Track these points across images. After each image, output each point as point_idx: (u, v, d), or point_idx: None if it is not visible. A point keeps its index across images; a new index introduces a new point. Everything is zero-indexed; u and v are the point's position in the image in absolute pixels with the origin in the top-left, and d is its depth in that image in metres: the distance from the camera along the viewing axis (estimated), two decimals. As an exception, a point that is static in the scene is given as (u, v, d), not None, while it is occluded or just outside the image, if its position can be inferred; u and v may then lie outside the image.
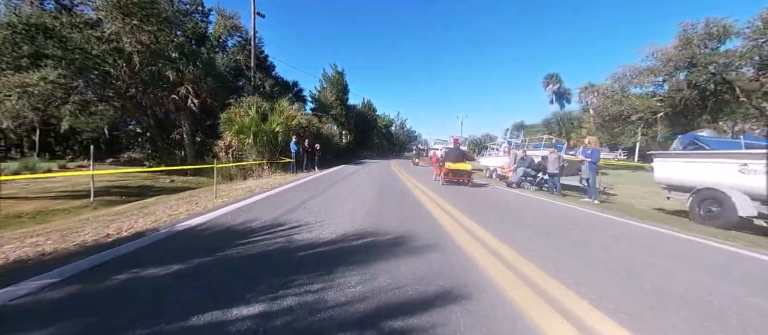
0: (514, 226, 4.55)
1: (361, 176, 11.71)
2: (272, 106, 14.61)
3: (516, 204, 6.98)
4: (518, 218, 5.29)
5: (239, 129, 12.97)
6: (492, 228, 4.18)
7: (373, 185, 8.72)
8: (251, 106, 14.12)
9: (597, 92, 30.89)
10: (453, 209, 5.65)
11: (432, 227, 4.13)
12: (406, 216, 4.83)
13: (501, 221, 4.86)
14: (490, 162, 15.25)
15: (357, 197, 6.56)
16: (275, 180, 10.71)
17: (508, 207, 6.48)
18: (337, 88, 32.84)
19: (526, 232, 4.14)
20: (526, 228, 4.39)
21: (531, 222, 4.97)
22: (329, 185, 8.89)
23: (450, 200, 6.77)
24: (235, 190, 7.65)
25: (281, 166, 13.85)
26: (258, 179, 12.65)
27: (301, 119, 14.70)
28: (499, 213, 5.65)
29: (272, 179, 11.18)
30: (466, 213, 5.28)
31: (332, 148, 23.95)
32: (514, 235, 3.90)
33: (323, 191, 7.54)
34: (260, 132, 13.29)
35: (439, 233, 3.86)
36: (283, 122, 14.05)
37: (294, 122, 14.35)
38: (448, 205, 6.16)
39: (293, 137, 13.38)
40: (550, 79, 39.39)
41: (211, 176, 15.85)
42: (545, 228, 4.51)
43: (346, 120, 34.32)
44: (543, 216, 5.67)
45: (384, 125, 54.00)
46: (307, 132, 15.71)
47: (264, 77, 23.30)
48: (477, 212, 5.49)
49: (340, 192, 7.30)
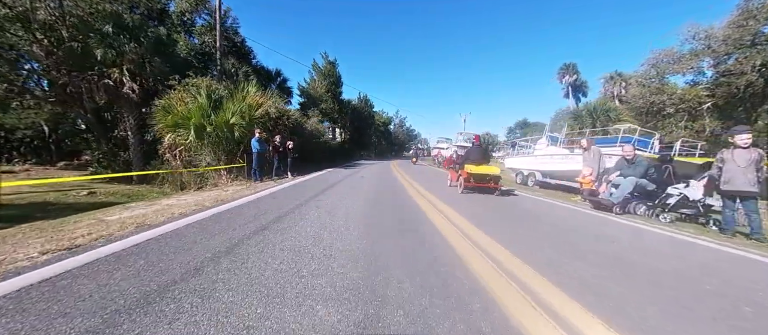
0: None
1: (346, 190, 7.95)
2: (231, 90, 10.79)
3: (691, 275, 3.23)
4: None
5: (176, 121, 9.17)
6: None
7: (360, 219, 4.95)
8: (200, 89, 10.31)
9: (625, 82, 27.23)
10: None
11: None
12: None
13: None
14: (524, 164, 11.54)
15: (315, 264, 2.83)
16: (222, 194, 7.11)
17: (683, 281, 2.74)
18: (328, 80, 29.03)
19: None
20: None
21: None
22: (286, 211, 5.15)
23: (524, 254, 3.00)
24: (132, 216, 3.95)
25: (247, 171, 10.13)
26: (212, 188, 9.11)
27: (269, 108, 10.91)
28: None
29: (219, 192, 7.56)
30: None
31: (323, 147, 20.12)
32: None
33: (256, 232, 3.80)
34: (209, 125, 9.49)
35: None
36: (245, 111, 10.24)
37: (260, 112, 10.54)
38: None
39: (256, 132, 9.57)
40: (566, 69, 35.69)
41: (162, 185, 12.05)
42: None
43: (339, 116, 30.50)
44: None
45: (382, 122, 50.21)
46: (280, 126, 11.89)
47: (239, 64, 19.46)
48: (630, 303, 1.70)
49: (284, 242, 3.55)
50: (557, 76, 36.76)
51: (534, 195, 8.63)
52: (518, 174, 12.04)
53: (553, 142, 10.96)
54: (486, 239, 3.72)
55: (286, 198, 6.31)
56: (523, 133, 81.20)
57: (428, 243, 3.49)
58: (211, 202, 5.89)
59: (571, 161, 8.97)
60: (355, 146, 36.60)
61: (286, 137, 10.72)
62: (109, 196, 10.65)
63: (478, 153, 8.32)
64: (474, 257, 2.99)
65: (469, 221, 4.66)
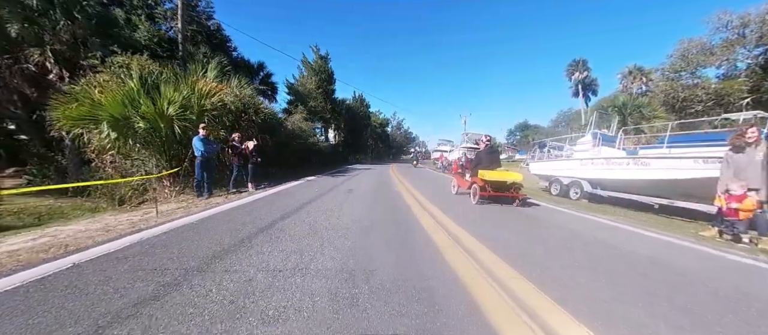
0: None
1: (315, 220, 5.26)
2: (178, 73, 8.07)
3: None
4: None
5: (82, 113, 6.42)
6: None
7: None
8: (132, 68, 7.61)
9: (645, 77, 24.81)
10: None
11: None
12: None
13: None
14: (562, 170, 8.83)
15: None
16: (141, 217, 4.57)
17: None
18: (319, 76, 26.33)
19: None
20: None
21: None
22: (171, 280, 2.34)
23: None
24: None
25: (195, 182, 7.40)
26: (150, 205, 6.70)
27: (226, 97, 8.15)
28: None
29: (143, 214, 4.96)
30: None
31: (310, 150, 17.36)
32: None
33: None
34: (140, 119, 6.77)
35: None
36: (192, 100, 7.53)
37: (212, 101, 7.80)
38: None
39: (200, 129, 6.83)
40: (576, 66, 33.16)
41: (103, 198, 9.46)
42: None
43: (332, 116, 27.78)
44: None
45: (379, 123, 47.57)
46: (244, 122, 9.12)
47: (212, 54, 16.67)
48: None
49: None
50: (565, 74, 34.39)
51: (595, 216, 5.95)
52: (553, 183, 9.35)
53: (606, 141, 8.30)
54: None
55: (207, 237, 3.55)
56: (524, 135, 78.75)
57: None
58: (101, 235, 3.40)
59: (644, 168, 6.32)
60: (349, 149, 33.87)
61: (242, 137, 7.92)
62: (12, 216, 7.87)
63: (490, 156, 7.11)
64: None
65: (544, 291, 1.96)
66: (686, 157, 5.74)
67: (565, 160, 9.29)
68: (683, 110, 20.83)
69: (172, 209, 5.68)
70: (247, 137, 9.00)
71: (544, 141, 11.39)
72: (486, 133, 10.48)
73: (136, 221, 4.52)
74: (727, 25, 20.47)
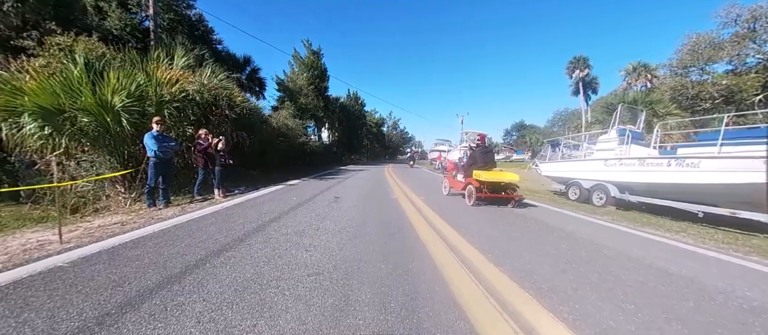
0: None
1: (275, 250, 3.99)
2: (134, 58, 6.79)
3: None
4: None
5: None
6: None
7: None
8: (75, 50, 6.36)
9: (650, 74, 23.96)
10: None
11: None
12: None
13: None
14: (582, 172, 7.67)
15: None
16: (47, 242, 3.17)
17: None
18: (312, 72, 25.03)
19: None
20: None
21: None
22: None
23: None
24: None
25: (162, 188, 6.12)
26: (99, 214, 5.57)
27: (188, 85, 6.86)
28: None
29: (76, 229, 3.63)
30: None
31: (298, 150, 16.09)
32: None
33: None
34: (83, 112, 5.52)
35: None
36: (150, 90, 6.28)
37: (172, 91, 6.53)
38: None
39: (153, 123, 5.57)
40: (577, 63, 32.18)
41: (53, 205, 8.09)
42: None
43: (324, 114, 26.49)
44: None
45: (374, 122, 46.37)
46: (214, 116, 7.83)
47: (192, 45, 15.29)
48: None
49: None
50: (566, 71, 33.47)
51: (629, 227, 4.83)
52: (571, 186, 8.22)
53: (636, 139, 7.16)
54: None
55: (126, 271, 2.31)
56: (521, 135, 78.09)
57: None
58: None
59: (690, 171, 5.21)
60: (344, 149, 32.61)
61: (207, 134, 6.60)
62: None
63: (486, 155, 6.88)
64: None
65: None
66: (753, 156, 4.63)
67: (586, 160, 8.16)
68: (691, 108, 19.98)
69: (105, 224, 4.42)
70: (218, 134, 7.74)
71: (557, 139, 10.26)
72: (482, 132, 9.63)
73: (31, 247, 3.26)
74: (737, 20, 19.70)
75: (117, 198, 6.63)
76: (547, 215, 5.69)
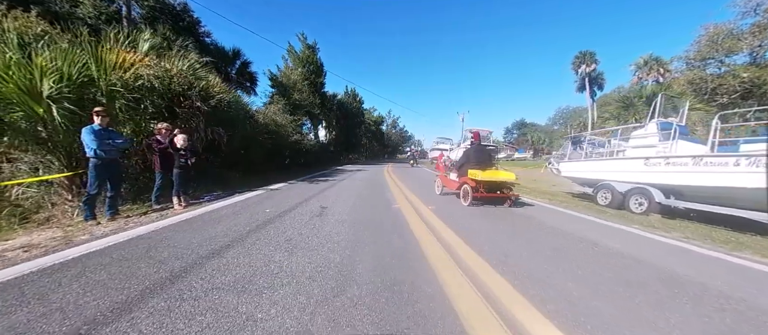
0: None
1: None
2: (88, 38, 5.60)
3: None
4: None
5: None
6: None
7: None
8: (8, 30, 5.15)
9: (662, 68, 22.87)
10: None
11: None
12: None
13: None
14: (616, 173, 6.49)
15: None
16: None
17: None
18: (307, 67, 23.82)
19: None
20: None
21: None
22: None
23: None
24: None
25: (109, 197, 4.93)
26: (26, 230, 4.17)
27: (145, 70, 5.66)
28: None
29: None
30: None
31: (288, 149, 14.89)
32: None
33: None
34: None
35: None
36: (98, 75, 5.09)
37: (124, 77, 5.34)
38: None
39: (94, 116, 4.37)
40: (583, 58, 30.96)
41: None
42: None
43: (321, 111, 25.29)
44: None
45: (373, 121, 45.19)
46: (183, 109, 6.61)
47: (174, 36, 14.09)
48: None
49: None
50: (572, 67, 32.28)
51: (717, 250, 3.70)
52: (600, 190, 7.04)
53: (683, 135, 5.99)
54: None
55: None
56: (522, 133, 76.87)
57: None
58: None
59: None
60: (341, 148, 31.44)
61: (168, 132, 5.37)
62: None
63: (481, 153, 6.69)
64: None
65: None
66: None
67: (619, 159, 7.00)
68: (707, 103, 18.90)
69: (16, 246, 3.26)
70: (189, 130, 6.56)
71: (579, 135, 9.09)
72: (486, 128, 8.71)
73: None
74: (756, 9, 18.60)
75: (63, 206, 5.46)
76: (594, 231, 4.54)
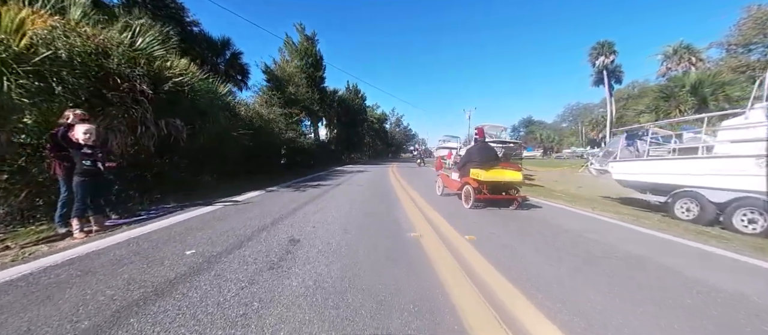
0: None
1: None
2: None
3: None
4: None
5: None
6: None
7: None
8: None
9: (694, 57, 20.90)
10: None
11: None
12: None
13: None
14: (695, 175, 4.77)
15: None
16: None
17: None
18: (305, 60, 22.18)
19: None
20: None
21: None
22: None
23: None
24: None
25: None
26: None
27: (40, 24, 4.00)
28: None
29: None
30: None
31: (290, 149, 13.25)
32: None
33: None
34: None
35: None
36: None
37: (21, 43, 3.66)
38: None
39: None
40: (601, 49, 28.76)
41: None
42: None
43: (320, 108, 23.64)
44: None
45: (376, 118, 43.48)
46: (122, 90, 4.95)
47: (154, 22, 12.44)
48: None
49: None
50: (589, 58, 30.18)
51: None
52: (679, 199, 5.27)
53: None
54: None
55: None
56: (529, 131, 74.65)
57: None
58: None
59: None
60: (343, 147, 29.80)
61: (70, 126, 3.66)
62: None
63: (485, 152, 5.96)
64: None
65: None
66: None
67: (710, 158, 5.21)
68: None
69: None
70: (131, 121, 4.91)
71: (637, 128, 7.23)
72: (500, 124, 7.01)
73: None
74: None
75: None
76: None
